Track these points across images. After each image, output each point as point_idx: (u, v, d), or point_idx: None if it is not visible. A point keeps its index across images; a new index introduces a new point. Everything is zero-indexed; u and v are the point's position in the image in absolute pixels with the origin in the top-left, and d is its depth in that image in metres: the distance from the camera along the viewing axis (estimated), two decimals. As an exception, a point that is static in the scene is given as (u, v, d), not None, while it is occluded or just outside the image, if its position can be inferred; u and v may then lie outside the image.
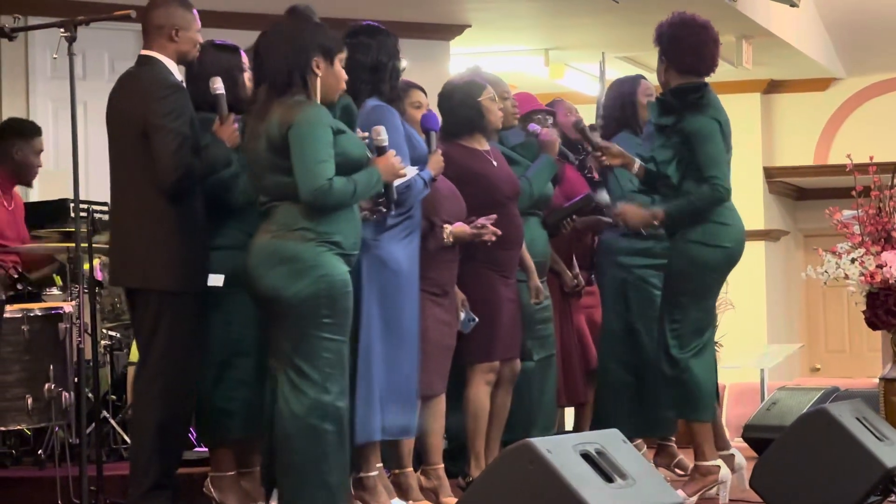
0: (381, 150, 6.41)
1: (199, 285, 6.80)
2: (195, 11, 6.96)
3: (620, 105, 8.86)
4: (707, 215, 7.64)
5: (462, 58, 13.29)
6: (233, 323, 6.84)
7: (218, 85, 6.81)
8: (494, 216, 7.51)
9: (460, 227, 7.44)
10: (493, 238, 7.46)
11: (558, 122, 8.78)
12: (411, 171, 6.70)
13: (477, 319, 7.60)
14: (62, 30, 6.23)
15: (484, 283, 7.68)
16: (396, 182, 6.52)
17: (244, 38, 7.51)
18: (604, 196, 8.48)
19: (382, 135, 6.46)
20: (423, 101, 7.69)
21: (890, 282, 7.78)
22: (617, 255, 8.64)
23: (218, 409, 7.00)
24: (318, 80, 6.26)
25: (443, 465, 7.68)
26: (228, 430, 7.08)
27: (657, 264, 8.27)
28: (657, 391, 8.30)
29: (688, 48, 7.80)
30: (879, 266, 7.81)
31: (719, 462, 7.90)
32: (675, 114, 7.75)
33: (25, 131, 8.95)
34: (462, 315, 7.54)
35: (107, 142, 6.87)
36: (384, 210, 6.64)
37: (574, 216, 8.53)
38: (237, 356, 6.88)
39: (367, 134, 6.50)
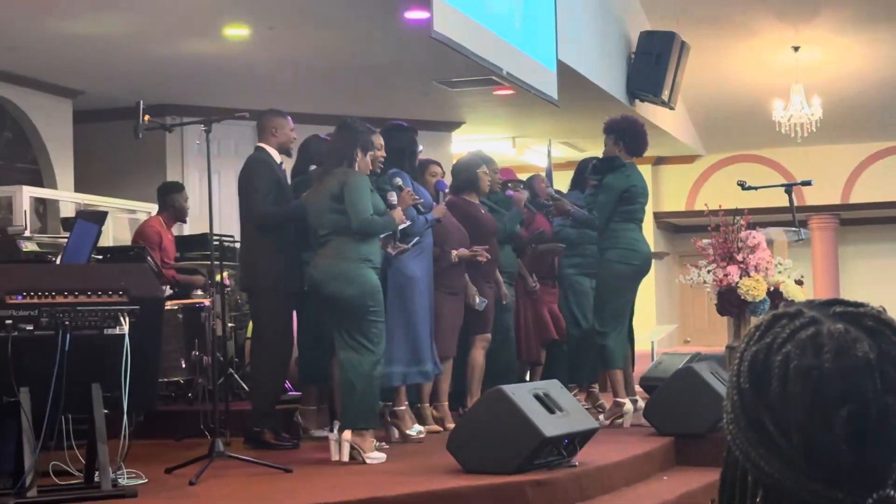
0: (391, 207, 6.48)
1: (291, 287, 6.86)
2: (289, 118, 7.07)
3: (576, 178, 9.11)
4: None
5: (460, 143, 13.33)
6: (311, 314, 6.91)
7: (313, 168, 6.95)
8: (487, 246, 7.60)
9: (463, 251, 7.51)
10: (485, 258, 7.54)
11: (535, 186, 8.95)
12: (407, 222, 6.76)
13: (486, 301, 7.68)
14: (203, 126, 6.28)
15: (478, 286, 7.74)
16: (401, 226, 6.60)
17: (321, 129, 7.61)
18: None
19: (393, 199, 6.54)
20: (437, 171, 7.79)
21: (732, 285, 7.77)
22: (566, 269, 8.76)
23: (314, 362, 7.07)
24: (357, 163, 6.35)
25: (447, 402, 7.70)
26: (310, 379, 7.15)
27: (590, 272, 8.36)
28: (587, 354, 8.37)
29: (638, 138, 7.89)
30: (725, 275, 7.80)
31: (627, 400, 7.91)
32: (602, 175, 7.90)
33: (177, 187, 9.04)
34: (477, 300, 7.61)
35: (231, 196, 6.98)
36: (394, 243, 6.72)
37: (534, 244, 8.63)
38: (315, 335, 6.94)
39: (393, 194, 6.59)
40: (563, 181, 10.73)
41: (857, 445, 1.19)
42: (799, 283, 8.24)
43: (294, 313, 7.15)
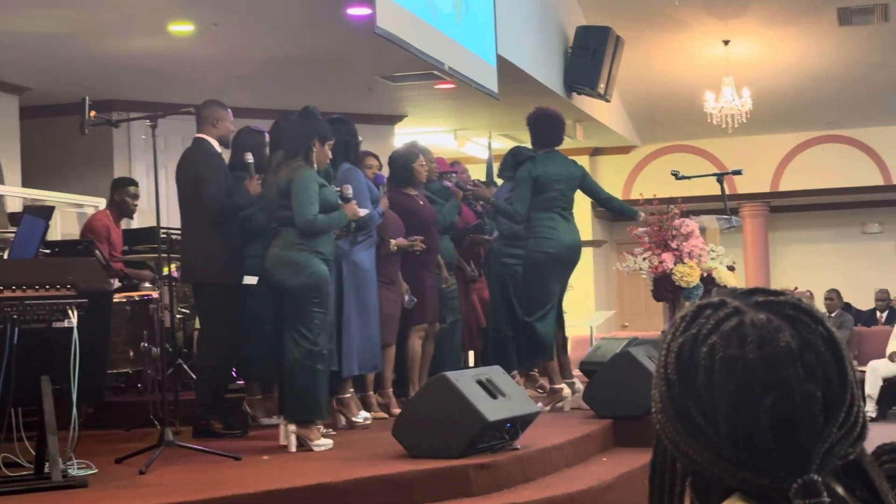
0: (346, 200, 6.43)
1: (235, 280, 6.81)
2: (229, 110, 7.00)
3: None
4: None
5: (402, 136, 13.30)
6: (258, 304, 6.85)
7: (249, 157, 6.85)
8: (423, 236, 7.59)
9: (401, 240, 7.50)
10: (421, 248, 7.53)
11: (458, 175, 8.92)
12: (364, 211, 6.72)
13: (416, 300, 7.64)
14: (149, 121, 6.21)
15: (416, 275, 7.73)
16: (359, 216, 6.57)
17: (265, 124, 7.56)
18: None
19: (349, 192, 6.50)
20: (375, 164, 7.77)
21: (666, 272, 7.84)
22: (500, 258, 8.72)
23: (251, 357, 7.02)
24: (314, 154, 6.30)
25: (392, 389, 7.70)
26: (258, 369, 7.11)
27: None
28: (525, 342, 8.38)
29: (543, 129, 7.88)
30: (660, 262, 7.86)
31: (564, 385, 7.94)
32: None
33: (125, 182, 8.93)
34: (406, 298, 7.59)
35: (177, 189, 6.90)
36: (347, 235, 6.67)
37: (470, 235, 8.63)
38: (262, 324, 6.88)
39: (339, 189, 6.53)
40: (503, 173, 10.74)
41: (782, 433, 1.20)
42: (731, 269, 8.32)
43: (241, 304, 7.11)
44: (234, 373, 7.55)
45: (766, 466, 1.20)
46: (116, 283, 8.02)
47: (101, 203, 9.10)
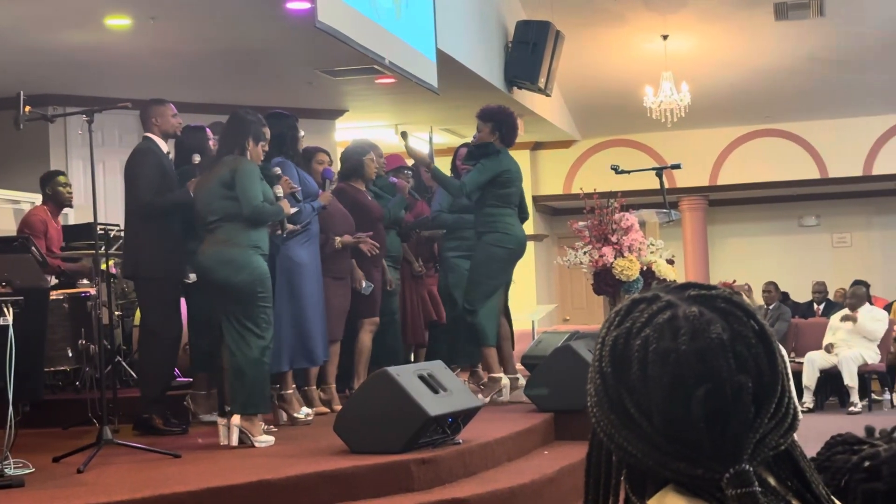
0: (279, 199, 6.44)
1: (176, 275, 6.79)
2: (171, 105, 6.98)
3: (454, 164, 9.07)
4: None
5: (343, 131, 13.28)
6: (199, 300, 6.82)
7: (196, 158, 6.86)
8: (371, 232, 7.60)
9: (347, 237, 7.51)
10: (372, 244, 7.56)
11: (420, 173, 8.93)
12: (294, 209, 6.72)
13: (373, 285, 7.67)
14: (84, 116, 6.16)
15: (364, 270, 7.73)
16: (289, 213, 6.58)
17: (204, 119, 7.51)
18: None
19: (279, 191, 6.51)
20: (325, 159, 7.80)
21: (607, 266, 7.88)
22: (446, 252, 8.76)
23: (213, 350, 7.00)
24: (248, 153, 6.31)
25: (335, 385, 7.69)
26: (201, 365, 7.08)
27: (468, 255, 8.33)
28: (467, 335, 8.39)
29: (514, 129, 7.93)
30: (601, 256, 7.91)
31: (502, 373, 7.98)
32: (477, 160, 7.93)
33: (55, 175, 8.86)
34: (363, 284, 7.60)
35: (116, 185, 6.87)
36: (280, 231, 6.65)
37: (418, 229, 8.64)
38: (203, 321, 6.85)
39: (279, 188, 6.53)
40: (444, 167, 10.73)
41: (714, 423, 1.22)
42: (670, 262, 8.39)
43: (183, 300, 7.08)
44: (175, 371, 7.49)
45: (699, 457, 1.22)
46: (54, 280, 7.94)
47: (38, 199, 8.98)
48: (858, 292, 12.72)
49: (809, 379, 12.34)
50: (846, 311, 12.73)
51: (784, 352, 1.29)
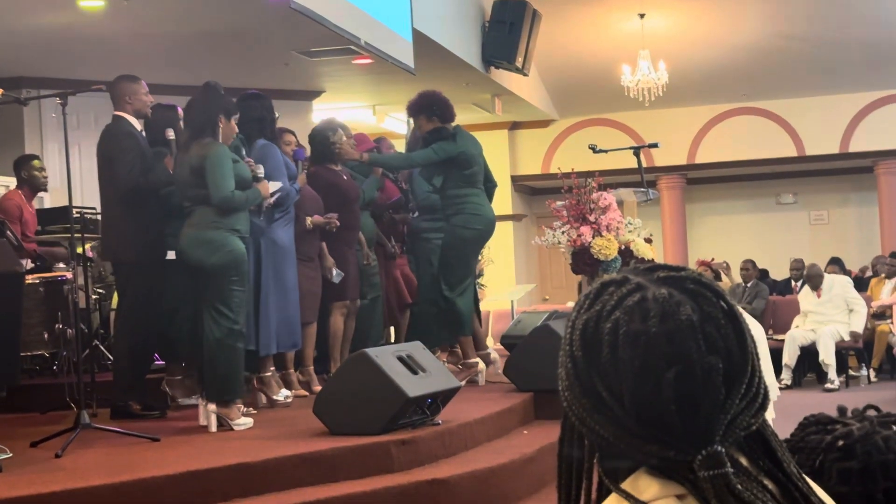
0: (257, 179, 6.40)
1: (154, 259, 6.75)
2: (143, 82, 6.91)
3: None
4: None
5: (320, 112, 13.21)
6: (179, 284, 6.78)
7: (170, 133, 6.78)
8: (337, 214, 7.55)
9: (317, 218, 7.47)
10: (337, 225, 7.50)
11: (382, 151, 8.85)
12: (275, 186, 6.68)
13: (343, 274, 7.64)
14: (58, 98, 6.10)
15: (338, 252, 7.70)
16: (272, 196, 6.54)
17: (180, 100, 7.45)
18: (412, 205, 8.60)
19: (259, 171, 6.46)
20: (292, 140, 7.73)
21: (585, 245, 7.88)
22: (420, 233, 8.73)
23: (174, 336, 6.97)
24: (221, 130, 6.24)
25: (313, 367, 7.68)
26: (181, 348, 7.06)
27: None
28: (443, 319, 8.38)
29: (446, 104, 7.90)
30: (579, 235, 7.91)
31: (478, 359, 7.99)
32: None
33: (28, 158, 8.81)
34: (334, 272, 7.57)
35: (91, 168, 6.81)
36: (259, 212, 6.62)
37: (391, 210, 8.60)
38: (185, 303, 6.82)
39: (257, 167, 6.49)
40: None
41: (685, 405, 1.22)
42: (648, 241, 8.39)
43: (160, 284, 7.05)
44: (154, 354, 7.47)
45: (670, 439, 1.22)
46: (29, 264, 7.89)
47: (13, 183, 8.93)
48: (814, 271, 12.78)
49: (790, 357, 12.39)
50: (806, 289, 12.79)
51: (761, 329, 1.30)
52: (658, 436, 1.23)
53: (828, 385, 12.08)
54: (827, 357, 12.12)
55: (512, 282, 16.27)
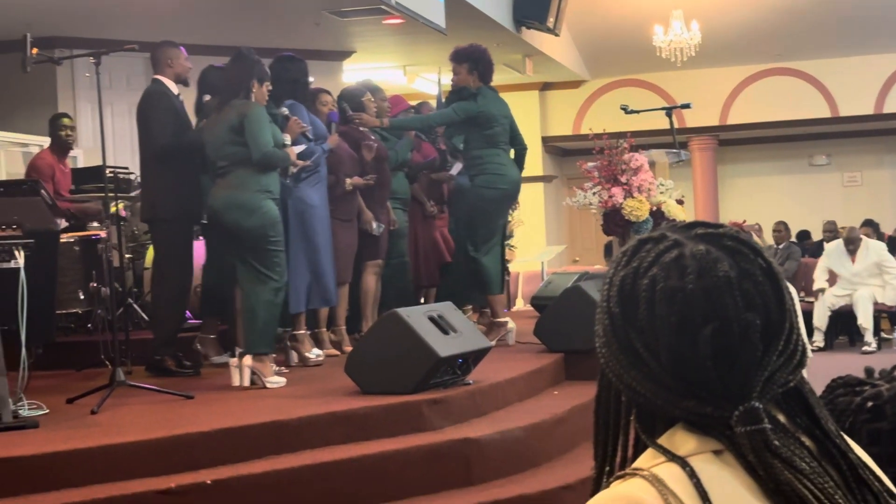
0: (284, 146, 6.42)
1: (188, 217, 6.82)
2: (182, 48, 6.96)
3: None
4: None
5: (350, 73, 13.20)
6: (216, 243, 6.86)
7: (208, 98, 6.81)
8: (376, 176, 7.57)
9: (356, 179, 7.50)
10: (372, 183, 7.54)
11: (423, 112, 8.88)
12: (298, 149, 6.69)
13: (384, 226, 7.67)
14: (92, 58, 6.14)
15: (373, 212, 7.72)
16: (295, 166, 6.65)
17: (213, 61, 7.47)
18: (457, 166, 8.55)
19: (287, 139, 6.47)
20: (328, 100, 7.72)
21: (616, 206, 7.87)
22: (464, 194, 8.73)
23: (206, 296, 7.03)
24: (253, 94, 6.28)
25: (345, 326, 7.72)
26: (212, 306, 7.12)
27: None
28: (471, 280, 8.36)
29: (490, 66, 7.86)
30: (610, 196, 7.89)
31: (508, 318, 8.00)
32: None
33: (57, 117, 8.85)
34: (374, 225, 7.60)
35: (123, 128, 6.86)
36: (287, 177, 6.65)
37: (426, 171, 8.60)
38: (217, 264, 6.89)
39: (287, 136, 6.53)
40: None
41: (723, 361, 1.22)
42: (680, 202, 8.38)
43: (199, 242, 7.12)
44: (187, 313, 7.53)
45: (708, 395, 1.23)
46: (63, 224, 7.95)
47: (46, 142, 8.98)
48: (852, 234, 12.67)
49: (821, 319, 12.34)
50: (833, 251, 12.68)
51: (793, 290, 1.30)
52: (695, 392, 1.23)
53: (865, 348, 12.02)
54: (865, 321, 12.05)
55: (542, 243, 16.25)
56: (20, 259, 5.02)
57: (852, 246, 12.50)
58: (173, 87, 6.91)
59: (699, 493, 1.17)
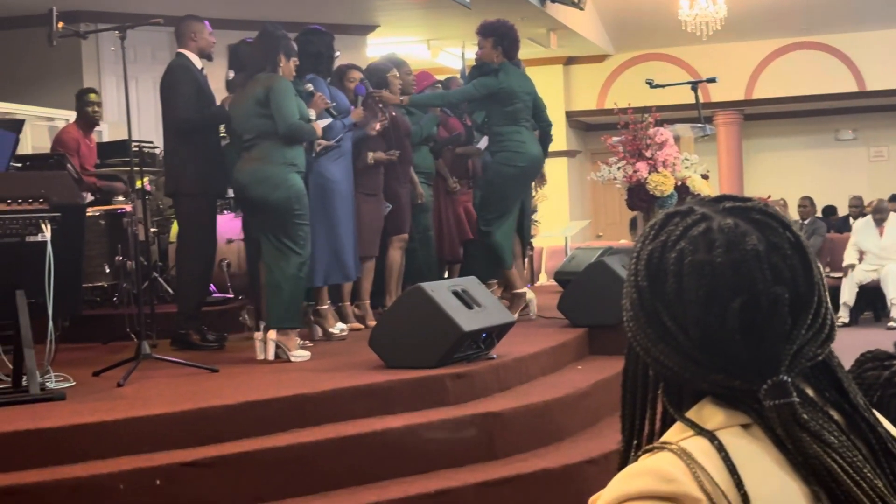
0: (310, 120, 6.42)
1: (211, 191, 6.84)
2: (206, 22, 6.96)
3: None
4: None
5: (375, 47, 13.18)
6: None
7: (230, 74, 6.81)
8: (398, 152, 7.56)
9: (379, 154, 7.49)
10: (395, 159, 7.53)
11: (451, 88, 8.85)
12: (324, 122, 6.69)
13: (391, 206, 7.66)
14: (117, 32, 6.15)
15: (389, 187, 7.71)
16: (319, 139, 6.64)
17: (237, 35, 7.47)
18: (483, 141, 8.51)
19: (312, 114, 6.46)
20: (356, 77, 7.71)
21: (641, 181, 7.84)
22: (485, 169, 8.70)
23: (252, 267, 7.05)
24: (280, 69, 6.29)
25: (369, 301, 7.74)
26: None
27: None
28: (486, 256, 8.32)
29: (516, 42, 7.83)
30: (635, 171, 7.86)
31: (526, 288, 7.97)
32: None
33: (83, 92, 8.87)
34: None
35: (149, 102, 6.87)
36: (314, 153, 6.65)
37: (451, 146, 8.57)
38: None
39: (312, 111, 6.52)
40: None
41: (751, 335, 1.22)
42: (705, 177, 8.34)
43: (225, 217, 7.15)
44: (211, 286, 7.56)
45: (736, 369, 1.22)
46: (89, 197, 8.00)
47: (72, 116, 9.01)
48: (880, 206, 12.58)
49: (849, 295, 12.27)
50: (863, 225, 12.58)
51: (820, 266, 1.29)
52: (723, 365, 1.23)
53: (890, 323, 11.96)
54: (895, 295, 11.97)
55: (566, 218, 16.22)
56: (47, 232, 5.05)
57: (880, 216, 12.42)
58: (197, 62, 6.91)
59: (728, 466, 1.17)
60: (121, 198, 8.10)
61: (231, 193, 7.15)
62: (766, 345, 1.22)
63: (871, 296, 12.51)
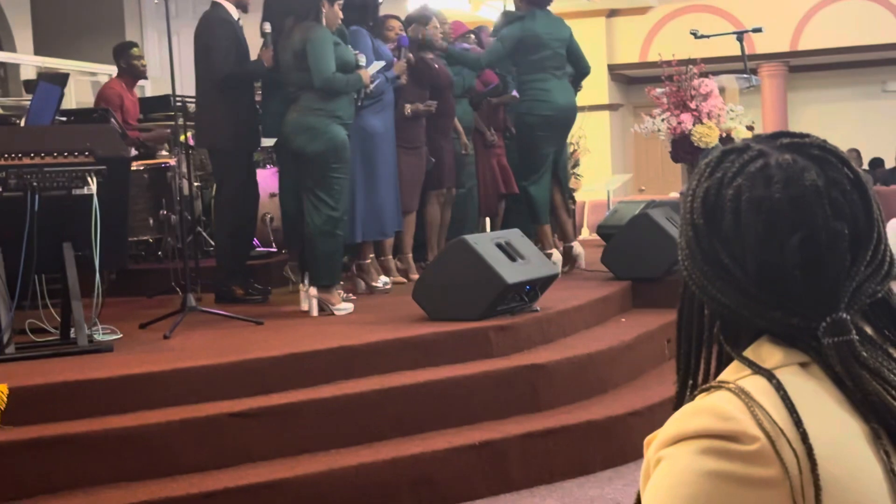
0: (358, 67, 6.38)
1: (248, 146, 6.83)
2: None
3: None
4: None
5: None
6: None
7: (266, 26, 6.74)
8: (436, 103, 7.51)
9: (417, 106, 7.45)
10: (433, 110, 7.47)
11: (482, 38, 8.77)
12: (376, 67, 6.64)
13: (434, 160, 7.64)
14: (161, -13, 6.14)
15: (433, 140, 7.68)
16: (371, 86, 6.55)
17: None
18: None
19: (361, 60, 6.43)
20: (395, 25, 7.68)
21: (685, 133, 7.78)
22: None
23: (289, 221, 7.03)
24: (324, 15, 6.24)
25: (411, 254, 7.74)
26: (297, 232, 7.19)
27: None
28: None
29: None
30: (679, 123, 7.80)
31: (553, 250, 7.84)
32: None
33: (127, 46, 8.89)
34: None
35: (190, 57, 6.84)
36: (359, 101, 6.61)
37: (489, 98, 8.51)
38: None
39: (360, 56, 6.46)
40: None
41: (810, 271, 1.21)
42: (750, 128, 8.25)
43: (267, 171, 7.14)
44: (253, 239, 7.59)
45: (794, 306, 1.21)
46: (133, 152, 8.03)
47: (115, 71, 9.05)
48: None
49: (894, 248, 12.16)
50: None
51: (879, 202, 1.27)
52: (781, 302, 1.22)
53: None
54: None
55: (608, 172, 16.14)
56: (93, 185, 5.09)
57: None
58: (234, 12, 6.83)
59: (786, 405, 1.16)
60: (164, 152, 8.13)
61: (264, 144, 7.15)
62: (825, 281, 1.21)
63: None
